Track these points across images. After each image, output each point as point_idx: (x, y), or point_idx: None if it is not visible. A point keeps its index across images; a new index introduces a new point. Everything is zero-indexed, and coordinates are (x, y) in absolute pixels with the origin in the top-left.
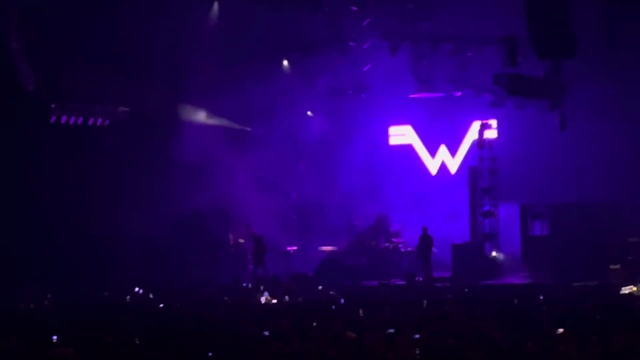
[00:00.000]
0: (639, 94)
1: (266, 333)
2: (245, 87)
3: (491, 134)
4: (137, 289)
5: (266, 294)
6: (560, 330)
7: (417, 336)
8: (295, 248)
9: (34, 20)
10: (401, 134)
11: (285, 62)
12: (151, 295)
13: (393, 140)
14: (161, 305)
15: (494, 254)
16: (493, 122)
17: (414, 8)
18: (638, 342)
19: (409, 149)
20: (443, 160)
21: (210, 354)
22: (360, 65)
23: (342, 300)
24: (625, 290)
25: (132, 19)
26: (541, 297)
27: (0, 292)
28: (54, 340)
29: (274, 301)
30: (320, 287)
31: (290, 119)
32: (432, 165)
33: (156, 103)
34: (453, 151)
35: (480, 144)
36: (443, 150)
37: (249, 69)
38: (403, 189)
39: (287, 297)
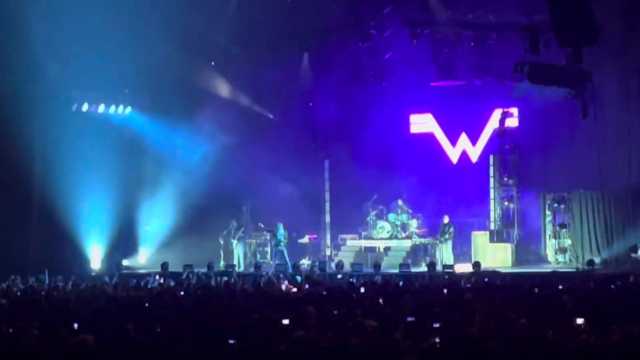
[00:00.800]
0: None
1: (286, 321)
2: (264, 73)
3: (512, 122)
4: (157, 276)
5: (286, 282)
6: (581, 319)
7: (437, 325)
8: (316, 236)
9: (55, 6)
10: (422, 122)
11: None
12: (171, 283)
13: (414, 129)
14: (182, 292)
15: None
16: (514, 111)
17: None
18: None
19: (430, 137)
20: (464, 149)
21: (231, 341)
22: (381, 53)
23: (362, 289)
24: None
25: (151, 4)
26: (560, 287)
27: (22, 278)
28: (75, 328)
29: (294, 289)
30: (339, 276)
31: (310, 106)
32: (453, 154)
33: (177, 89)
34: (474, 140)
35: (501, 132)
36: (464, 138)
37: (268, 55)
38: (423, 178)
39: (307, 286)
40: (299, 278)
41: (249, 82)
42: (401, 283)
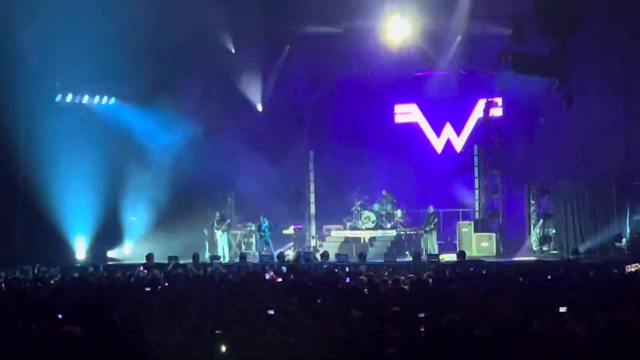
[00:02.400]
0: None
1: (271, 312)
2: (247, 63)
3: (497, 112)
4: (141, 268)
5: (271, 272)
6: (564, 308)
7: (422, 315)
8: (300, 227)
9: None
10: (406, 112)
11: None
12: (157, 274)
13: (398, 119)
14: (167, 283)
15: None
16: (498, 100)
17: None
18: None
19: (414, 127)
20: (448, 139)
21: (217, 332)
22: (365, 43)
23: (348, 279)
24: (631, 268)
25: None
26: (549, 277)
27: (6, 270)
28: (59, 318)
29: (279, 279)
30: (325, 266)
31: (295, 97)
32: (438, 144)
33: (160, 79)
34: (458, 129)
35: (486, 122)
36: (448, 128)
37: (253, 46)
38: (408, 167)
39: (292, 276)
40: (284, 268)
41: (233, 72)
42: (387, 273)
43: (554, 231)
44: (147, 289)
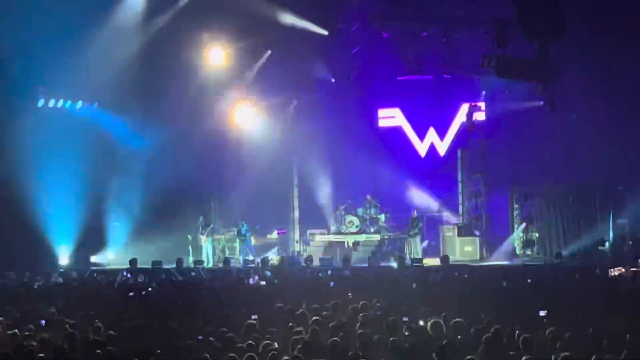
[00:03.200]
0: (625, 75)
1: (255, 317)
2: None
3: (480, 116)
4: (125, 273)
5: (255, 277)
6: (544, 312)
7: (405, 319)
8: (284, 231)
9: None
10: (390, 117)
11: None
12: (140, 279)
13: (382, 123)
14: (150, 288)
15: None
16: (482, 104)
17: None
18: (626, 324)
19: (398, 131)
20: (432, 143)
21: (200, 337)
22: (349, 48)
23: (332, 283)
24: (614, 271)
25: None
26: (530, 280)
27: None
28: (42, 325)
29: (263, 283)
30: (309, 271)
31: (278, 103)
32: (421, 148)
33: (143, 84)
34: (442, 134)
35: (469, 126)
36: (432, 132)
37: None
38: (392, 172)
39: (276, 280)
40: (268, 273)
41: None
42: (370, 277)
43: (537, 235)
44: (131, 294)
